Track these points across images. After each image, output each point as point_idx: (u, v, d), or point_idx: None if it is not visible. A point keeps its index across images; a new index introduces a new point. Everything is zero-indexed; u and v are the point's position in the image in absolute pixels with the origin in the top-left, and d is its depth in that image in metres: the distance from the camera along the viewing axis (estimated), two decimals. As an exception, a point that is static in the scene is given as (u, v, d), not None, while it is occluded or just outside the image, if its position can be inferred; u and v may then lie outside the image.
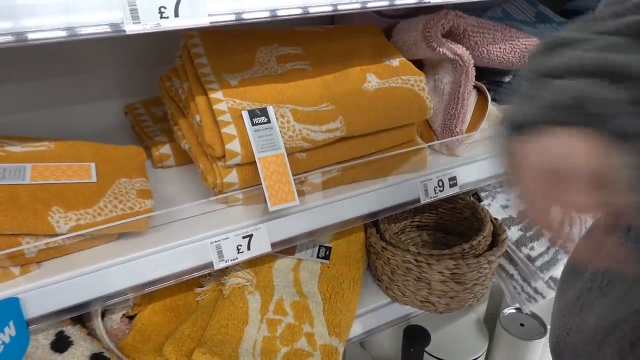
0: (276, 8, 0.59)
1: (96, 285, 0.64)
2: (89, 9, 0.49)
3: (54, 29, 0.46)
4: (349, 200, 0.79)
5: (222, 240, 0.70)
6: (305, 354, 0.77)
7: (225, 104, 0.69)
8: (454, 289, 0.91)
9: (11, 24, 0.44)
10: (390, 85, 0.80)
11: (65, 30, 0.48)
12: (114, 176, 0.67)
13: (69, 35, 0.47)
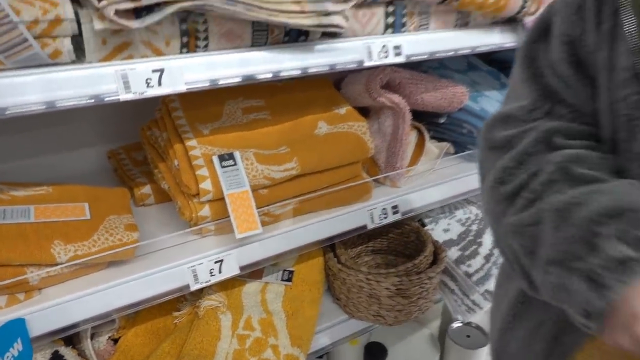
0: (246, 74, 0.74)
1: (90, 307, 0.75)
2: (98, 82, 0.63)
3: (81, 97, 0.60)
4: (306, 228, 0.93)
5: (197, 265, 0.83)
6: (271, 363, 0.89)
7: (199, 150, 0.83)
8: (401, 303, 1.05)
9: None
10: (338, 131, 0.96)
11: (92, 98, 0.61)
12: (104, 213, 0.79)
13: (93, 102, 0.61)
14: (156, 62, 0.67)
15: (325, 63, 0.81)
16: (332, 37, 0.82)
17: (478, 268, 1.18)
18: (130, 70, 0.65)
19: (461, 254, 1.21)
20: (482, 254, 1.21)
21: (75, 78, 0.62)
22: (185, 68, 0.69)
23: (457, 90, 1.14)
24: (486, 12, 0.94)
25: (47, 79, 0.60)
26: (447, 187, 1.13)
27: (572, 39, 0.53)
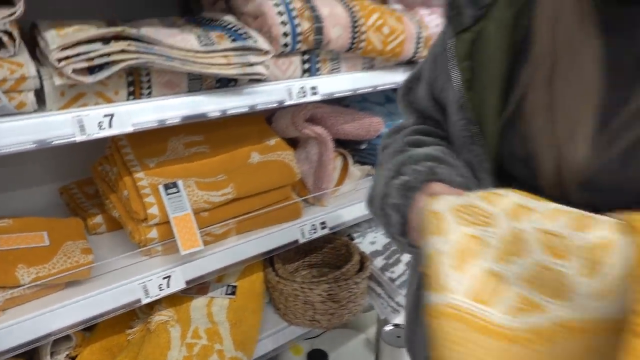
0: (185, 115, 0.89)
1: (50, 323, 0.85)
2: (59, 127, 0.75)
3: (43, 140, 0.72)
4: (244, 245, 1.07)
5: (147, 281, 0.94)
6: (218, 366, 1.00)
7: (146, 181, 0.96)
8: (333, 307, 1.20)
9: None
10: (269, 159, 1.12)
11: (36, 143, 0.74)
12: (62, 240, 0.90)
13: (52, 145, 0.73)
14: (107, 108, 0.80)
15: (252, 103, 0.97)
16: (258, 82, 0.98)
17: (400, 274, 1.36)
18: (85, 116, 0.78)
19: (386, 262, 1.38)
20: (403, 262, 1.38)
21: (37, 124, 0.74)
22: (132, 112, 0.83)
23: (374, 120, 1.34)
24: (386, 57, 1.14)
25: (16, 125, 0.72)
26: (368, 204, 1.31)
27: (431, 82, 0.72)
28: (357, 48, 1.06)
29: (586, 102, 0.53)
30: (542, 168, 0.55)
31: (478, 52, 0.61)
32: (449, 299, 0.45)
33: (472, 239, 0.47)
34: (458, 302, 0.45)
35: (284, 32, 0.96)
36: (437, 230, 0.48)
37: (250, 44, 0.89)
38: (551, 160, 0.55)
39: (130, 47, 0.76)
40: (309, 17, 0.98)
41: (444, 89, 0.69)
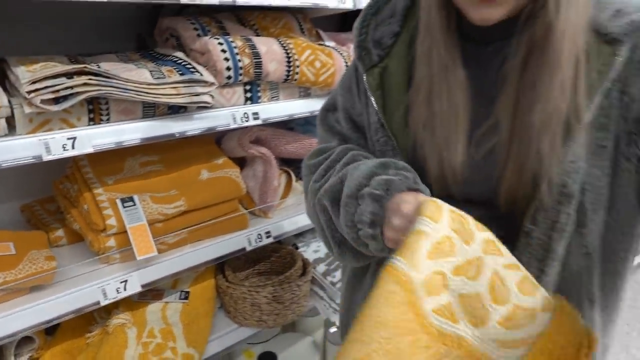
0: (142, 137, 1.02)
1: (15, 324, 0.95)
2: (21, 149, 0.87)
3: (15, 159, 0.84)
4: (195, 252, 1.20)
5: (105, 285, 1.06)
6: None
7: (105, 196, 1.08)
8: (277, 308, 1.34)
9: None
10: (217, 176, 1.26)
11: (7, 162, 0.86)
12: (27, 249, 1.01)
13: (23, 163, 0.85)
14: (70, 132, 0.93)
15: (200, 127, 1.12)
16: (205, 109, 1.13)
17: (340, 279, 1.51)
18: (50, 139, 0.90)
19: (327, 268, 1.53)
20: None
21: (8, 146, 0.87)
22: (92, 136, 0.96)
23: (313, 141, 1.50)
24: (320, 87, 1.32)
25: (-12, 148, 0.84)
26: (310, 216, 1.46)
27: (348, 108, 0.88)
28: (292, 79, 1.23)
29: (457, 118, 0.70)
30: (429, 170, 0.72)
31: (385, 82, 0.78)
32: (409, 271, 0.55)
33: (450, 242, 0.56)
34: (413, 278, 0.55)
35: (227, 67, 1.12)
36: (433, 217, 0.56)
37: (196, 77, 1.04)
38: (435, 164, 0.71)
39: (91, 81, 0.90)
40: (249, 54, 1.15)
41: (362, 114, 0.84)
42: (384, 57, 0.78)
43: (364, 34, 0.80)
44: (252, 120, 1.20)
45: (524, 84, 0.64)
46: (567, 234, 0.66)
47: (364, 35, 0.79)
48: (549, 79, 0.61)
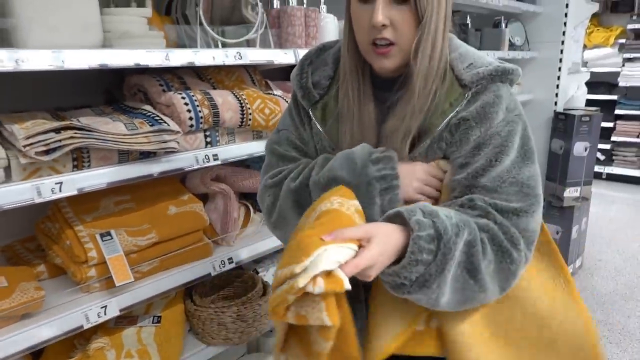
0: (116, 180, 1.19)
1: (8, 348, 1.08)
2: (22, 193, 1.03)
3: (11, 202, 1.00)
4: (166, 279, 1.36)
5: (88, 310, 1.20)
6: (147, 376, 1.26)
7: (85, 232, 1.24)
8: (242, 326, 1.50)
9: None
10: (183, 210, 1.44)
11: (5, 205, 1.01)
12: (17, 281, 1.15)
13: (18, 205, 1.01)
14: (57, 177, 1.10)
15: (169, 168, 1.31)
16: (172, 153, 1.32)
17: (297, 296, 1.69)
18: (41, 184, 1.07)
19: (285, 289, 1.71)
20: (299, 287, 1.72)
21: (6, 191, 1.03)
22: (76, 180, 1.13)
23: (267, 176, 1.71)
24: (270, 130, 1.54)
25: (-10, 194, 1.00)
26: (268, 242, 1.65)
27: (292, 139, 1.07)
28: (246, 125, 1.45)
29: (369, 134, 0.94)
30: None
31: (327, 113, 1.00)
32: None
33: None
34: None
35: (189, 117, 1.32)
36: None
37: (164, 127, 1.24)
38: None
39: (76, 135, 1.08)
40: (208, 105, 1.36)
41: (304, 137, 1.04)
42: (324, 95, 1.01)
43: (304, 78, 1.02)
44: (212, 160, 1.40)
45: (390, 114, 0.92)
46: None
47: (304, 80, 1.02)
48: (405, 105, 0.88)
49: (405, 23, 0.85)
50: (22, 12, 1.08)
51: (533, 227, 0.86)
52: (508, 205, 0.85)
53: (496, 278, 0.85)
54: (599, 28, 5.37)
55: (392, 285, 0.82)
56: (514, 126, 0.88)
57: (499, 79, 0.90)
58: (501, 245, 0.84)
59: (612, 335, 2.68)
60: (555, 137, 3.08)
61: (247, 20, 1.56)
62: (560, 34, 2.98)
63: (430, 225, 0.78)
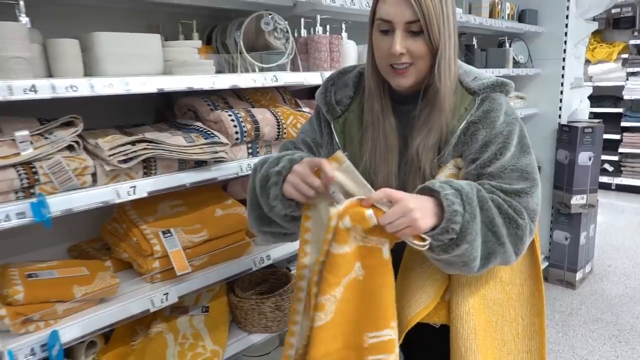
0: (176, 185, 1.41)
1: (88, 327, 1.28)
2: (106, 195, 1.25)
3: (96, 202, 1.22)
4: (214, 272, 1.56)
5: (153, 296, 1.41)
6: (201, 355, 1.46)
7: (149, 230, 1.46)
8: (279, 315, 1.70)
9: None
10: (228, 213, 1.65)
11: (103, 204, 1.23)
12: (96, 271, 1.36)
13: (102, 205, 1.23)
14: (132, 182, 1.32)
15: (218, 175, 1.52)
16: (220, 162, 1.54)
17: (326, 291, 1.88)
18: (119, 187, 1.29)
19: (315, 285, 1.90)
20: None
21: (93, 194, 1.25)
22: (146, 184, 1.35)
23: (297, 184, 1.92)
24: (302, 142, 1.75)
25: (82, 195, 1.22)
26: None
27: (306, 138, 1.26)
28: (282, 137, 1.67)
29: (391, 149, 1.13)
30: (375, 181, 1.13)
31: (346, 128, 1.21)
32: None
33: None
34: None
35: (235, 131, 1.54)
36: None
37: (216, 139, 1.46)
38: (379, 179, 1.13)
39: (148, 147, 1.31)
40: (250, 121, 1.58)
41: (321, 144, 1.25)
42: (345, 111, 1.21)
43: (328, 96, 1.23)
44: (253, 169, 1.61)
45: (419, 125, 1.10)
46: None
47: (329, 97, 1.23)
48: (438, 119, 1.07)
49: (420, 51, 1.05)
50: (101, 47, 1.32)
51: (533, 206, 1.06)
52: (511, 187, 1.05)
53: (509, 238, 1.03)
54: (602, 44, 5.58)
55: (443, 246, 0.98)
56: (512, 127, 1.09)
57: (499, 89, 1.11)
58: (507, 213, 1.02)
59: (622, 334, 2.81)
60: (561, 147, 3.27)
61: (270, 46, 1.78)
62: (562, 52, 3.19)
63: (450, 186, 0.98)
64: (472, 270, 1.02)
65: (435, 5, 1.01)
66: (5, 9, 1.22)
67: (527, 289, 1.20)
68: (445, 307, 1.15)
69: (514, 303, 1.19)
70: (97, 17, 1.60)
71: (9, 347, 1.14)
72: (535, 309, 1.19)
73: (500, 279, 1.18)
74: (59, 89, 1.14)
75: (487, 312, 1.16)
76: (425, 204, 0.97)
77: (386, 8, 1.04)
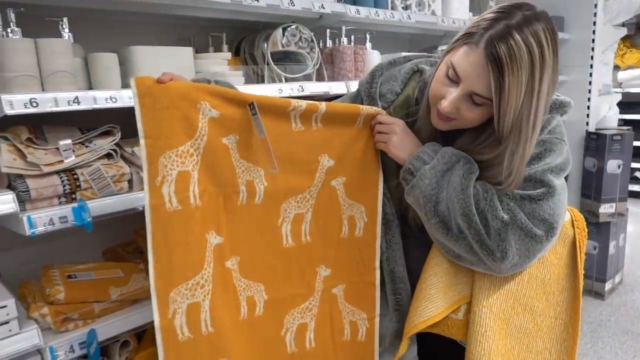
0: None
1: (122, 327, 1.34)
2: (140, 200, 1.32)
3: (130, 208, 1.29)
4: (242, 275, 1.61)
5: (183, 299, 1.46)
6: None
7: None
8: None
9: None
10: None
11: (129, 210, 1.30)
12: (130, 273, 1.42)
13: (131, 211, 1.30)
14: (164, 189, 1.38)
15: (245, 182, 1.57)
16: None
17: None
18: (153, 193, 1.35)
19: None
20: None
21: (129, 199, 1.31)
22: (178, 190, 1.41)
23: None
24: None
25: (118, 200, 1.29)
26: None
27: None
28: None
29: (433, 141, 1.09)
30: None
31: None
32: None
33: None
34: None
35: (263, 139, 1.59)
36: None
37: (244, 147, 1.51)
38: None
39: (180, 154, 1.37)
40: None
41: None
42: (386, 108, 1.16)
43: (374, 88, 1.16)
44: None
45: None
46: None
47: (374, 89, 1.16)
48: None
49: (471, 120, 0.97)
50: (138, 60, 1.39)
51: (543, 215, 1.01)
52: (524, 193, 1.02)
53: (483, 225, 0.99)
54: (632, 50, 5.47)
55: (404, 181, 1.05)
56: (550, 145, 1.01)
57: (555, 111, 1.04)
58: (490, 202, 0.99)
59: (652, 346, 2.74)
60: (589, 155, 3.22)
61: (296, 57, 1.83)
62: (589, 58, 3.16)
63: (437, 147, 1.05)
64: (449, 240, 1.01)
65: (518, 97, 0.87)
66: (50, 25, 1.30)
67: (561, 322, 1.12)
68: (462, 324, 1.12)
69: (544, 336, 1.12)
70: (132, 31, 1.68)
71: (50, 343, 1.21)
72: (567, 345, 1.12)
73: (531, 308, 1.11)
74: (100, 100, 1.21)
75: (509, 339, 1.11)
76: (408, 142, 1.06)
77: (463, 62, 0.92)
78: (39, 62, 1.18)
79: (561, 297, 1.12)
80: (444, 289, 1.11)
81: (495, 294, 1.08)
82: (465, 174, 0.99)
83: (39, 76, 1.19)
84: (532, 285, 1.10)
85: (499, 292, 1.09)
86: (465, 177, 0.99)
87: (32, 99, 1.11)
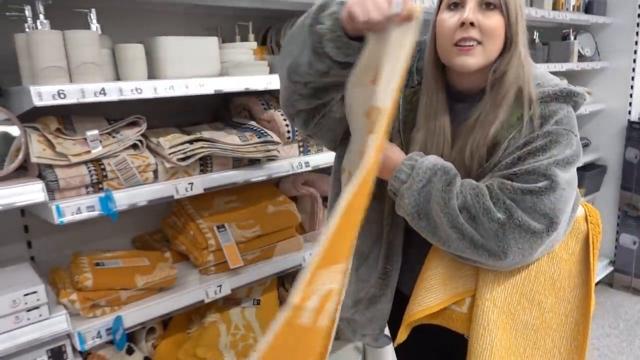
0: (230, 182, 1.47)
1: (148, 314, 1.37)
2: (167, 190, 1.33)
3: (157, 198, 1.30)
4: (266, 266, 1.61)
5: (207, 288, 1.48)
6: (252, 346, 1.51)
7: (205, 225, 1.53)
8: (327, 311, 1.72)
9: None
10: (280, 209, 1.70)
11: (153, 201, 1.31)
12: (156, 262, 1.45)
13: (167, 199, 1.31)
14: (189, 179, 1.39)
15: (270, 173, 1.57)
16: (273, 160, 1.58)
17: (374, 289, 1.89)
18: (178, 184, 1.36)
19: (364, 282, 1.91)
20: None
21: (155, 189, 1.33)
22: (203, 181, 1.41)
23: (348, 182, 1.94)
24: (353, 140, 1.76)
25: (144, 190, 1.30)
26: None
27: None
28: (333, 136, 1.68)
29: (444, 136, 1.06)
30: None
31: (414, 100, 1.09)
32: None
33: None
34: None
35: (287, 130, 1.58)
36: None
37: (269, 138, 1.50)
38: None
39: (204, 145, 1.37)
40: (302, 120, 1.61)
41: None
42: (415, 86, 1.11)
43: (412, 61, 1.10)
44: (304, 167, 1.65)
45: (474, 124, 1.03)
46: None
47: (412, 62, 1.10)
48: (493, 119, 1.00)
49: (492, 26, 0.98)
50: (164, 50, 1.39)
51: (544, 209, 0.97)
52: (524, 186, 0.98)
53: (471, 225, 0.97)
54: (681, 34, 5.15)
55: (390, 193, 1.04)
56: (556, 137, 0.98)
57: (563, 100, 1.00)
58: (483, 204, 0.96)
59: (694, 347, 2.62)
60: (630, 146, 3.07)
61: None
62: (633, 43, 2.99)
63: (417, 159, 1.02)
64: (447, 248, 1.01)
65: None
66: (78, 16, 1.31)
67: (572, 320, 1.09)
68: (466, 318, 1.08)
69: (553, 333, 1.09)
70: (159, 21, 1.69)
71: (79, 329, 1.24)
72: (577, 344, 1.09)
73: (539, 303, 1.08)
74: (126, 91, 1.22)
75: (514, 334, 1.07)
76: (390, 163, 1.03)
77: None
78: (67, 54, 1.20)
79: (572, 294, 1.09)
80: (444, 281, 1.09)
81: (499, 288, 1.05)
82: (444, 187, 0.98)
83: (67, 68, 1.20)
84: (540, 280, 1.07)
85: (503, 285, 1.06)
86: (445, 190, 0.97)
87: (60, 90, 1.13)
